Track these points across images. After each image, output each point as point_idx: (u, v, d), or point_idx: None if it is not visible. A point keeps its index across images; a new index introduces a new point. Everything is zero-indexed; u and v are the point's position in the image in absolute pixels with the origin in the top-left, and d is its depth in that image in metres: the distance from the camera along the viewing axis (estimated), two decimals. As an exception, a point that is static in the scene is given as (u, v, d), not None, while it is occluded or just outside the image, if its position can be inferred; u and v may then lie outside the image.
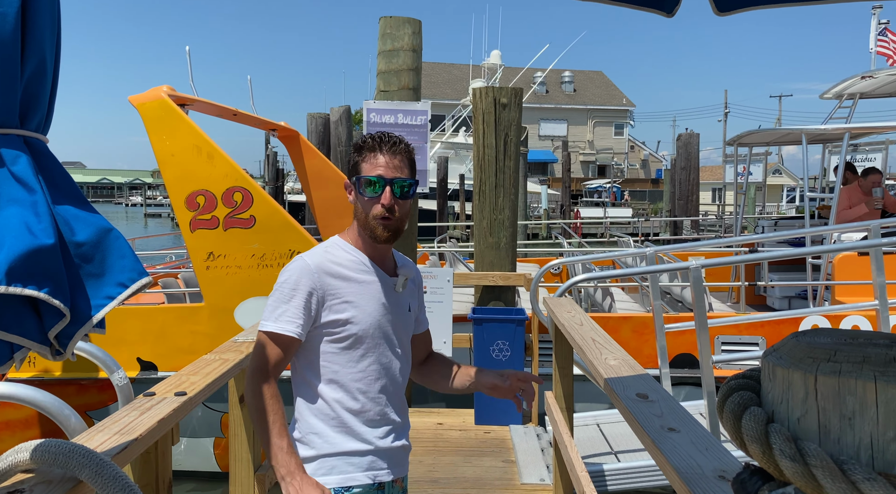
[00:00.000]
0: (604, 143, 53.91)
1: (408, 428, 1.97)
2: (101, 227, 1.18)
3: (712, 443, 1.59)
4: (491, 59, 36.06)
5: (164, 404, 1.83)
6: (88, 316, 1.14)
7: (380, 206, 1.79)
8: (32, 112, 1.16)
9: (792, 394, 0.90)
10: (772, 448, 0.87)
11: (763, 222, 10.50)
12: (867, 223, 5.22)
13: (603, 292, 6.79)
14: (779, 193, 43.40)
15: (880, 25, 10.16)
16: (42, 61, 1.16)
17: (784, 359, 0.93)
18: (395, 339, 1.90)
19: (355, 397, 1.82)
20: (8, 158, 1.10)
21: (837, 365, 0.87)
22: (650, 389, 2.03)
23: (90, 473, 1.34)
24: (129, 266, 1.19)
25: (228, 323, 6.04)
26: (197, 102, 7.08)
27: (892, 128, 7.70)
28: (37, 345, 1.11)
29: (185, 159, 6.25)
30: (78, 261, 1.14)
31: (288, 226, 6.27)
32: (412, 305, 2.00)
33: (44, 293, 1.05)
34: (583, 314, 3.26)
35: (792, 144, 9.72)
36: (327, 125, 15.53)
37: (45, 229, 1.07)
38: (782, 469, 0.86)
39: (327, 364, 1.83)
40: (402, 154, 1.84)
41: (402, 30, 5.14)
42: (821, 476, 0.82)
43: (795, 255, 5.45)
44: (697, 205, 18.37)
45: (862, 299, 6.37)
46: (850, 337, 0.96)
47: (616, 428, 4.87)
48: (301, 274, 1.80)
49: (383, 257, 1.92)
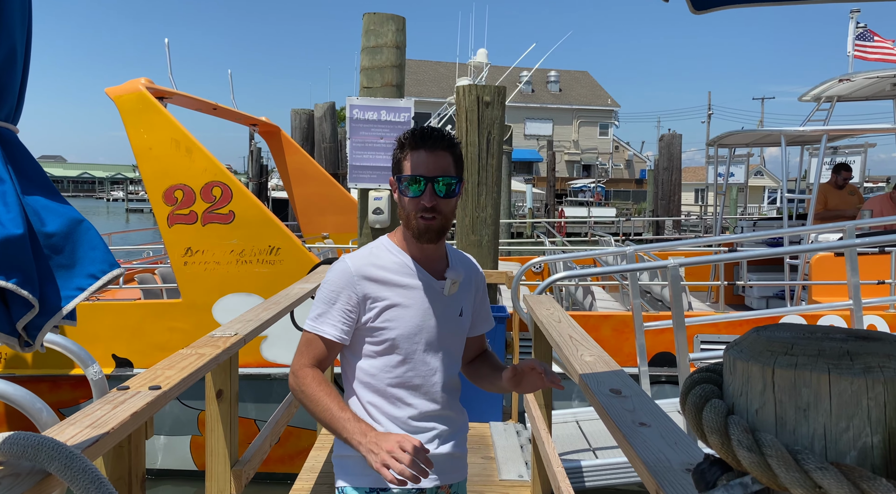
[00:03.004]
0: (589, 143, 54.15)
1: (459, 435, 1.90)
2: (72, 218, 1.18)
3: (681, 437, 1.61)
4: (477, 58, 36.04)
5: (138, 397, 1.83)
6: (58, 307, 1.14)
7: (422, 205, 1.74)
8: (2, 102, 1.16)
9: (751, 387, 0.92)
10: (730, 439, 0.89)
11: (742, 223, 10.61)
12: (842, 224, 5.30)
13: (583, 291, 6.83)
14: (761, 194, 43.81)
15: (858, 29, 10.29)
16: (12, 49, 1.15)
17: (744, 353, 0.95)
18: (440, 345, 1.84)
19: (392, 401, 1.80)
20: (-24, 147, 1.10)
21: (794, 358, 0.89)
22: (623, 384, 2.05)
23: (59, 465, 1.34)
24: (100, 258, 1.19)
25: (206, 320, 6.00)
26: (176, 96, 7.02)
27: (869, 130, 7.82)
28: (5, 336, 1.10)
29: (162, 153, 6.19)
30: (48, 252, 1.14)
31: (268, 222, 6.24)
32: (465, 308, 1.91)
33: (12, 284, 1.05)
34: (561, 311, 3.29)
35: (771, 145, 9.84)
36: (311, 121, 15.49)
37: (13, 219, 1.07)
38: (739, 460, 0.88)
39: (365, 367, 1.81)
40: (446, 150, 1.77)
41: (386, 26, 5.14)
42: (775, 466, 0.84)
43: (772, 254, 5.52)
44: (679, 205, 18.54)
45: (838, 298, 6.47)
46: (809, 332, 0.98)
47: (594, 425, 4.91)
48: (341, 277, 1.78)
49: (430, 259, 1.86)
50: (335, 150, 15.41)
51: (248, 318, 3.00)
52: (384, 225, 5.19)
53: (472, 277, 1.96)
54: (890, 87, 9.24)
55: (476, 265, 2.01)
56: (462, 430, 1.93)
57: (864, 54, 9.84)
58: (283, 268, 6.21)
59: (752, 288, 8.26)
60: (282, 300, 3.46)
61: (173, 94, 7.06)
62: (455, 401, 1.91)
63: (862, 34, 9.80)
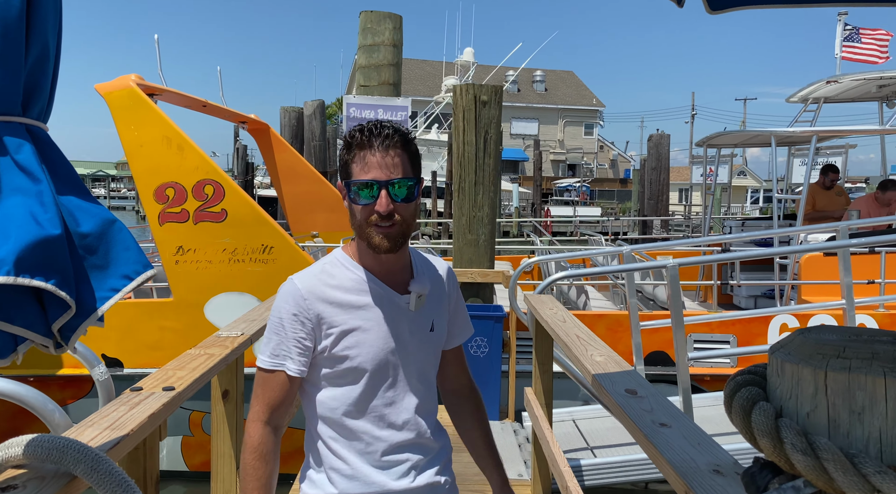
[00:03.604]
0: (574, 142, 54.37)
1: (439, 460, 1.70)
2: (105, 218, 1.16)
3: (704, 438, 1.62)
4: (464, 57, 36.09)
5: (153, 399, 1.81)
6: (93, 308, 1.12)
7: (375, 214, 1.53)
8: (35, 100, 1.14)
9: (801, 390, 0.93)
10: (783, 443, 0.90)
11: (730, 223, 10.70)
12: (836, 225, 5.36)
13: (577, 290, 6.85)
14: (743, 194, 44.24)
15: (846, 31, 10.40)
16: (45, 47, 1.14)
17: (793, 355, 0.95)
18: (409, 368, 1.64)
19: (357, 436, 1.61)
20: (11, 146, 1.07)
21: (847, 361, 0.89)
22: (638, 384, 2.06)
23: (85, 468, 1.32)
24: (134, 258, 1.17)
25: (198, 319, 5.94)
26: (166, 93, 6.95)
27: (858, 132, 7.92)
28: (41, 337, 1.09)
29: (154, 151, 6.12)
30: (82, 252, 1.12)
31: (261, 220, 6.19)
32: (436, 321, 1.69)
33: (51, 285, 1.03)
34: (565, 311, 3.30)
35: (761, 145, 9.92)
36: (301, 119, 15.41)
37: (51, 220, 1.05)
38: (793, 463, 0.88)
39: (324, 399, 1.62)
40: (400, 147, 1.55)
41: (383, 25, 5.12)
42: (832, 470, 0.85)
43: (768, 254, 5.57)
44: (667, 205, 18.68)
45: (827, 298, 6.54)
46: (855, 334, 0.98)
47: (592, 424, 4.93)
48: (288, 302, 1.59)
49: (391, 271, 1.64)
50: (324, 148, 15.34)
51: (252, 317, 2.98)
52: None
53: (443, 284, 1.74)
54: (876, 88, 9.36)
55: (445, 269, 1.78)
56: (442, 455, 1.72)
57: (851, 56, 9.96)
58: (276, 267, 6.17)
59: (741, 288, 8.34)
60: (283, 300, 3.44)
61: (164, 90, 7.00)
62: (431, 425, 1.69)
63: (850, 35, 9.91)
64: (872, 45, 10.35)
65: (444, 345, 1.76)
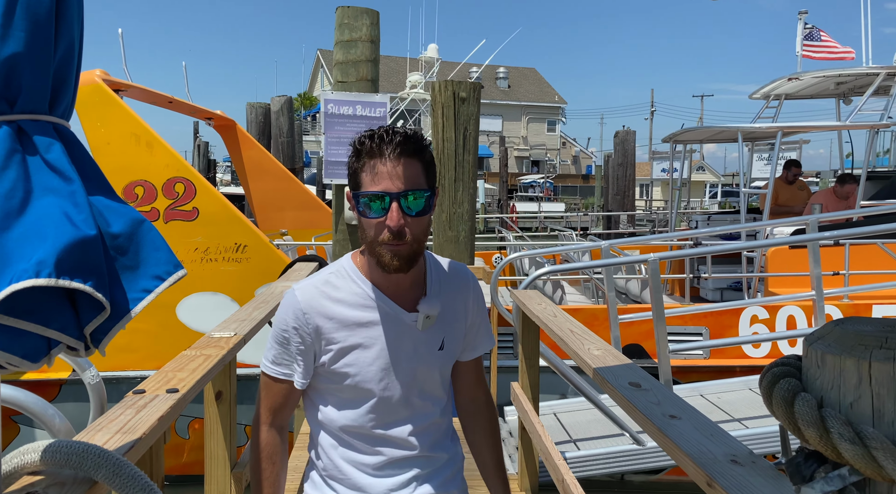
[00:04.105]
0: (537, 139, 54.79)
1: (445, 471, 1.65)
2: (135, 218, 1.14)
3: (716, 429, 1.65)
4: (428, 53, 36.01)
5: (159, 401, 1.77)
6: (126, 310, 1.10)
7: (386, 230, 1.43)
8: (61, 97, 1.11)
9: (844, 380, 0.96)
10: (829, 432, 0.92)
11: (696, 218, 10.91)
12: (806, 218, 5.51)
13: (553, 286, 6.92)
14: (702, 189, 45.09)
15: (806, 29, 10.67)
16: (71, 44, 1.10)
17: (833, 347, 0.98)
18: (413, 387, 1.58)
19: (357, 449, 1.58)
20: (41, 145, 1.04)
21: (891, 352, 0.92)
22: (641, 377, 2.09)
23: (107, 473, 1.29)
24: (165, 259, 1.15)
25: (170, 320, 5.83)
26: (132, 88, 6.80)
27: (821, 127, 8.14)
28: (73, 340, 1.06)
29: (121, 148, 5.99)
30: (113, 253, 1.09)
31: (234, 218, 6.10)
32: (448, 339, 1.61)
33: (88, 287, 1.00)
34: (554, 306, 3.33)
35: (726, 141, 10.13)
36: (268, 115, 15.21)
37: (85, 220, 1.02)
38: (841, 452, 0.91)
39: (326, 411, 1.59)
40: (414, 156, 1.44)
41: (361, 20, 5.09)
42: (881, 458, 0.88)
43: (742, 248, 5.70)
44: (634, 200, 18.99)
45: (792, 289, 6.73)
46: (889, 326, 1.02)
47: (573, 417, 4.99)
48: (289, 315, 1.54)
49: (400, 287, 1.55)
50: (292, 144, 15.17)
51: (241, 317, 2.94)
52: (361, 221, 5.14)
53: (463, 297, 1.65)
54: (834, 85, 9.64)
55: (470, 279, 1.68)
56: (450, 466, 1.66)
57: (812, 54, 10.22)
58: (250, 266, 6.09)
59: (708, 280, 8.51)
60: (270, 299, 3.40)
61: (129, 86, 6.85)
62: (435, 439, 1.63)
63: (810, 34, 10.18)
64: (831, 43, 10.63)
65: (460, 356, 1.70)
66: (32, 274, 0.94)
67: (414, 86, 34.08)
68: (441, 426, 1.67)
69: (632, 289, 7.74)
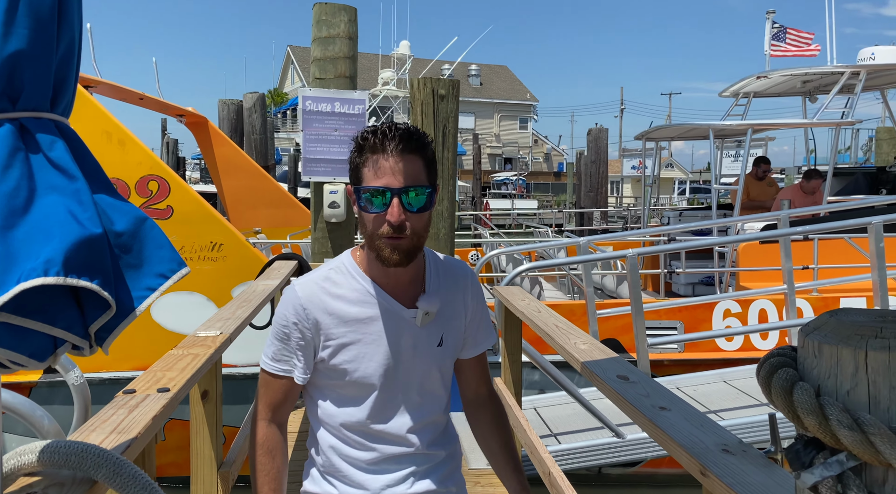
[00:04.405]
0: (509, 136, 55.02)
1: (442, 468, 1.66)
2: (137, 216, 1.13)
3: (705, 419, 1.69)
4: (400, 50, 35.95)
5: (151, 401, 1.75)
6: (131, 308, 1.09)
7: (386, 224, 1.44)
8: (62, 95, 1.10)
9: (841, 369, 0.99)
10: (828, 420, 0.95)
11: (668, 214, 11.06)
12: (777, 214, 5.63)
13: (531, 282, 6.97)
14: (671, 185, 45.69)
15: (774, 29, 10.87)
16: (72, 41, 1.09)
17: (830, 337, 1.02)
18: (411, 384, 1.60)
19: (354, 445, 1.60)
20: (44, 143, 1.03)
21: (886, 341, 0.96)
22: (628, 371, 2.13)
23: (107, 472, 1.28)
24: (168, 257, 1.14)
25: (145, 320, 5.75)
26: (102, 85, 6.69)
27: (790, 125, 8.31)
28: (79, 339, 1.05)
29: (92, 146, 5.78)
30: (117, 251, 1.08)
31: (209, 217, 6.04)
32: (447, 335, 1.62)
33: (95, 285, 1.00)
34: (537, 301, 3.36)
35: (697, 138, 10.29)
36: (240, 112, 15.06)
37: (91, 218, 1.02)
38: (840, 438, 0.94)
39: (325, 406, 1.61)
40: (416, 153, 1.45)
41: (338, 17, 5.07)
42: (879, 443, 0.91)
43: (717, 243, 5.80)
44: (606, 197, 19.21)
45: (763, 283, 6.87)
46: (881, 316, 1.06)
47: (553, 411, 5.04)
48: (289, 310, 1.55)
49: (399, 283, 1.57)
50: (265, 141, 15.04)
51: (226, 316, 2.91)
52: (340, 219, 5.13)
53: (462, 294, 1.66)
54: (801, 84, 9.84)
55: (469, 277, 1.69)
56: (447, 462, 1.68)
57: (779, 53, 10.42)
58: (226, 264, 6.03)
59: (680, 276, 8.65)
60: (252, 298, 3.38)
61: (100, 82, 6.73)
62: (433, 436, 1.64)
63: (777, 34, 10.37)
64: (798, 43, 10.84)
65: (461, 354, 1.71)
66: (41, 273, 0.94)
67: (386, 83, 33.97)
68: (440, 424, 1.68)
69: (607, 285, 7.83)
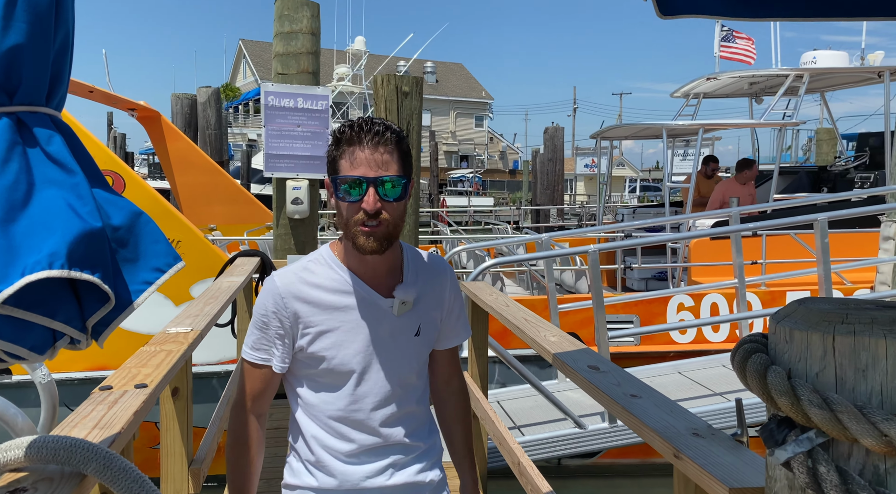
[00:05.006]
0: (465, 134, 55.19)
1: (423, 459, 1.71)
2: (133, 211, 1.14)
3: (674, 406, 1.77)
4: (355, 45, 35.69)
5: (130, 396, 1.74)
6: (129, 302, 1.10)
7: (362, 212, 1.50)
8: (56, 89, 1.10)
9: (810, 353, 1.07)
10: (800, 400, 1.03)
11: (622, 211, 11.30)
12: (728, 211, 5.83)
13: (492, 277, 7.05)
14: (622, 183, 46.52)
15: (722, 31, 11.19)
16: (67, 35, 1.10)
17: (800, 323, 1.09)
18: (389, 373, 1.63)
19: (334, 435, 1.63)
20: (41, 137, 1.03)
21: (851, 326, 1.04)
22: (598, 361, 2.20)
23: (97, 466, 1.28)
24: (164, 251, 1.15)
25: None
26: None
27: (740, 125, 8.59)
28: (77, 333, 1.05)
29: None
30: (114, 246, 1.09)
31: (166, 213, 5.93)
32: (424, 325, 1.67)
33: (97, 278, 1.00)
34: (505, 296, 3.42)
35: (650, 137, 10.54)
36: (194, 106, 14.75)
37: (90, 212, 1.02)
38: (810, 417, 1.02)
39: (305, 396, 1.65)
40: (391, 144, 1.51)
41: (301, 12, 5.04)
42: (846, 420, 0.99)
43: (672, 239, 5.96)
44: (562, 195, 19.51)
45: (713, 278, 7.09)
46: (843, 304, 1.14)
47: (515, 404, 5.12)
48: (268, 300, 1.60)
49: (376, 273, 1.61)
50: (220, 136, 14.78)
51: (194, 312, 2.89)
52: (304, 215, 5.11)
53: (440, 287, 1.71)
54: (748, 85, 10.19)
55: (446, 271, 1.75)
56: (429, 454, 1.72)
57: (727, 55, 10.74)
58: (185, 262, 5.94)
59: (633, 271, 8.85)
60: (219, 295, 3.35)
61: (50, 75, 6.54)
62: (413, 427, 1.69)
63: (726, 36, 10.69)
64: (742, 46, 11.19)
65: (437, 345, 1.76)
66: (45, 266, 0.94)
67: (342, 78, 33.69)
68: (418, 415, 1.72)
69: (566, 280, 7.97)
